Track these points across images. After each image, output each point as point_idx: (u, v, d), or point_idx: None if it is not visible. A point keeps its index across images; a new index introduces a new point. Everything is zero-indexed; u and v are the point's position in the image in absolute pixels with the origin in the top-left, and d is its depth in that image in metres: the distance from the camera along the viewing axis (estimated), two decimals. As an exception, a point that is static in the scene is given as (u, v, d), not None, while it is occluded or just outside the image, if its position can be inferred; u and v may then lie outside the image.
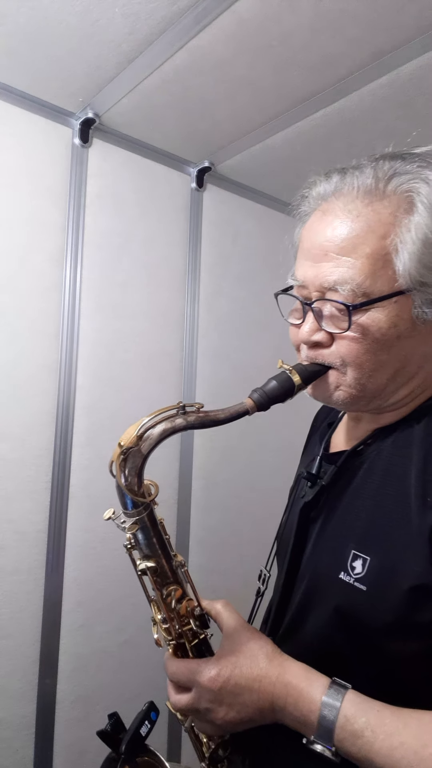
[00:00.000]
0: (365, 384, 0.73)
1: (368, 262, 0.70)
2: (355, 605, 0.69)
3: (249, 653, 0.70)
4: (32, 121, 1.49)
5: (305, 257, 0.75)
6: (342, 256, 0.70)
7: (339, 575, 0.72)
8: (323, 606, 0.73)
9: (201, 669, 0.70)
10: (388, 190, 0.71)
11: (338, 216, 0.72)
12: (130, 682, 1.59)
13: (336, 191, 0.75)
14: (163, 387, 1.72)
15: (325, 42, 1.23)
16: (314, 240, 0.74)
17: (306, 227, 0.78)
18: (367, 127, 1.53)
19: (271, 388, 0.75)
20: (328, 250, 0.72)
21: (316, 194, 0.78)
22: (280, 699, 0.67)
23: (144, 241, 1.69)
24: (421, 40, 1.21)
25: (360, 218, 0.71)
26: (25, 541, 1.43)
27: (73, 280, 1.53)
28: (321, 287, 0.72)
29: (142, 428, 0.69)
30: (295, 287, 0.78)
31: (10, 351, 1.43)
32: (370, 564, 0.69)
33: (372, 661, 0.69)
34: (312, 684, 0.66)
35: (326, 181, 0.78)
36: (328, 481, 0.80)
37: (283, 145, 1.65)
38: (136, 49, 1.28)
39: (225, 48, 1.26)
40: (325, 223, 0.73)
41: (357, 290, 0.69)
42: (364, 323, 0.70)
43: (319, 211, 0.76)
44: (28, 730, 1.41)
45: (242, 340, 1.93)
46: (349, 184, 0.74)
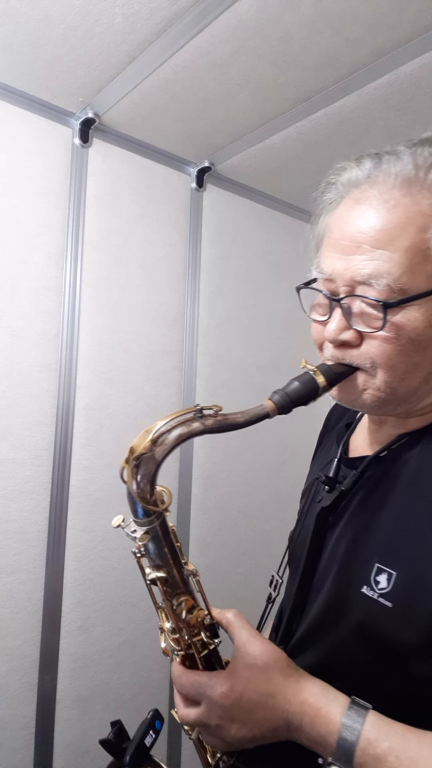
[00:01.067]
0: (396, 387, 0.68)
1: (406, 256, 0.64)
2: (378, 622, 0.65)
3: (263, 667, 0.65)
4: (32, 121, 1.49)
5: (333, 249, 0.69)
6: (377, 248, 0.65)
7: (361, 589, 0.67)
8: (343, 620, 0.69)
9: (212, 683, 0.66)
10: (429, 179, 0.66)
11: (373, 205, 0.67)
12: (130, 682, 1.60)
13: (370, 178, 0.69)
14: (163, 387, 1.72)
15: (325, 42, 1.23)
16: (345, 230, 0.68)
17: (335, 216, 0.72)
18: (367, 127, 1.53)
19: (294, 389, 0.67)
20: (362, 242, 0.66)
21: (347, 180, 0.72)
22: (296, 717, 0.63)
23: (144, 241, 1.69)
24: (421, 40, 1.21)
25: (398, 208, 0.65)
26: (25, 541, 1.43)
27: (73, 280, 1.53)
28: (351, 281, 0.67)
29: (157, 432, 0.64)
30: (321, 281, 0.71)
31: (10, 351, 1.43)
32: (396, 579, 0.65)
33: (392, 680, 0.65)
34: (330, 703, 0.62)
35: (357, 167, 0.71)
36: (348, 487, 0.76)
37: (283, 145, 1.65)
38: (136, 49, 1.28)
39: (225, 48, 1.26)
40: (358, 213, 0.68)
41: (393, 285, 0.64)
42: (399, 322, 0.65)
43: (350, 199, 0.70)
44: (28, 730, 1.41)
45: (242, 340, 1.93)
46: (386, 171, 0.68)
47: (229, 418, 0.65)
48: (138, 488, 0.66)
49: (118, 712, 1.57)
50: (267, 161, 1.76)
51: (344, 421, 0.92)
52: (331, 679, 0.66)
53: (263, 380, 1.95)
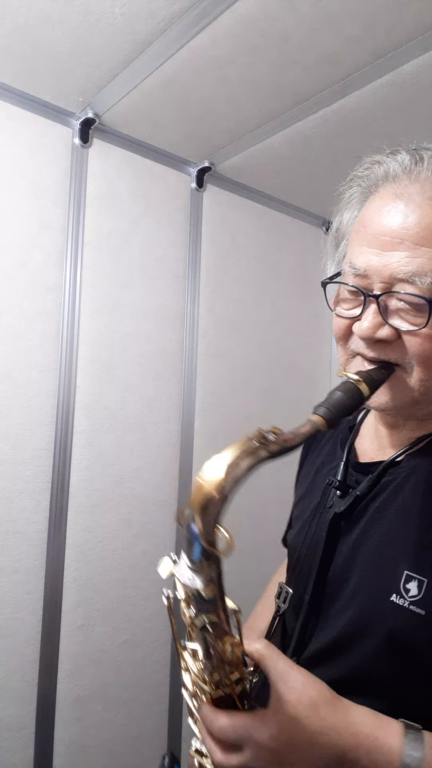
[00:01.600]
0: (429, 386, 0.68)
1: None
2: (411, 630, 0.64)
3: (308, 702, 0.60)
4: (32, 121, 1.49)
5: (369, 244, 0.67)
6: (421, 246, 0.64)
7: (390, 598, 0.66)
8: (370, 631, 0.67)
9: (257, 726, 0.60)
10: None
11: (415, 201, 0.66)
12: (130, 682, 1.60)
13: (410, 173, 0.68)
14: (163, 387, 1.72)
15: (325, 42, 1.23)
16: (386, 225, 0.66)
17: (371, 210, 0.70)
18: (367, 127, 1.53)
19: (338, 400, 0.65)
20: (405, 238, 0.65)
21: (383, 173, 0.71)
22: (351, 751, 0.59)
23: (144, 241, 1.69)
24: (421, 40, 1.21)
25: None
26: (25, 541, 1.43)
27: (73, 280, 1.53)
28: (391, 278, 0.65)
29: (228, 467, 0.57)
30: (352, 276, 0.70)
31: (10, 351, 1.43)
32: (428, 586, 0.64)
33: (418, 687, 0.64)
34: (385, 731, 0.59)
35: (393, 160, 0.70)
36: (364, 492, 0.74)
37: (283, 145, 1.65)
38: (136, 49, 1.28)
39: (225, 48, 1.26)
40: (399, 208, 0.66)
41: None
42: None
43: (388, 193, 0.69)
44: (28, 730, 1.41)
45: (242, 340, 1.93)
46: (428, 167, 0.67)
47: (288, 441, 0.61)
48: (205, 530, 0.57)
49: (118, 712, 1.57)
50: (267, 161, 1.76)
51: (345, 424, 0.90)
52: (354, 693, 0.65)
53: (263, 380, 1.95)
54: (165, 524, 1.69)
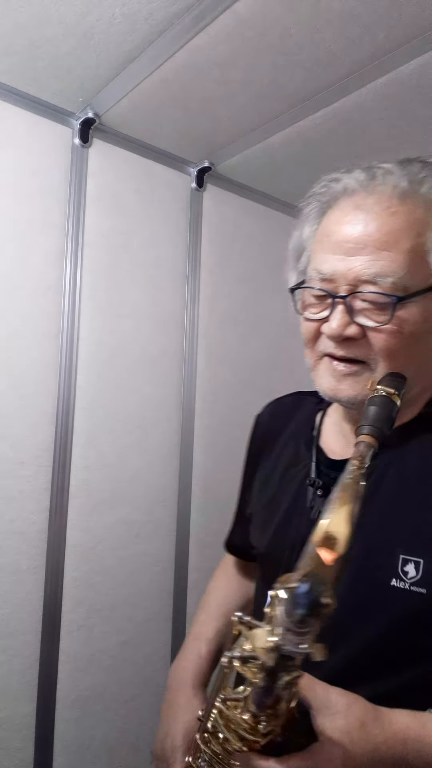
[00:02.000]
0: None
1: (408, 257, 0.71)
2: (415, 609, 0.68)
3: (357, 724, 0.62)
4: (32, 121, 1.49)
5: (334, 250, 0.74)
6: (382, 250, 0.71)
7: (390, 583, 0.69)
8: (373, 618, 0.70)
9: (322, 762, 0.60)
10: (421, 192, 0.73)
11: (374, 210, 0.72)
12: (130, 682, 1.59)
13: (367, 188, 0.75)
14: (163, 387, 1.72)
15: (325, 42, 1.23)
16: (349, 233, 0.73)
17: (332, 221, 0.77)
18: (368, 127, 1.53)
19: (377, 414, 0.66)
20: (367, 244, 0.71)
21: (341, 189, 0.78)
22: (401, 758, 0.62)
23: (144, 241, 1.69)
24: (421, 40, 1.21)
25: (397, 215, 0.72)
26: (25, 541, 1.43)
27: (73, 280, 1.53)
28: (356, 280, 0.72)
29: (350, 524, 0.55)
30: (318, 281, 0.76)
31: (10, 351, 1.43)
32: (425, 566, 0.68)
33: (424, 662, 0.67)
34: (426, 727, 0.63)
35: (349, 176, 0.77)
36: None
37: (283, 145, 1.65)
38: (136, 49, 1.28)
39: (225, 48, 1.26)
40: (359, 217, 0.73)
41: (398, 283, 0.70)
42: (403, 317, 0.71)
43: (348, 205, 0.75)
44: (28, 730, 1.41)
45: (242, 340, 1.93)
46: (382, 182, 0.74)
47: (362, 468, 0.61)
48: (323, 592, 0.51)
49: (118, 712, 1.57)
50: (267, 161, 1.76)
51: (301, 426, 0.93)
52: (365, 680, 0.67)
53: (263, 380, 1.95)
54: (165, 524, 1.69)
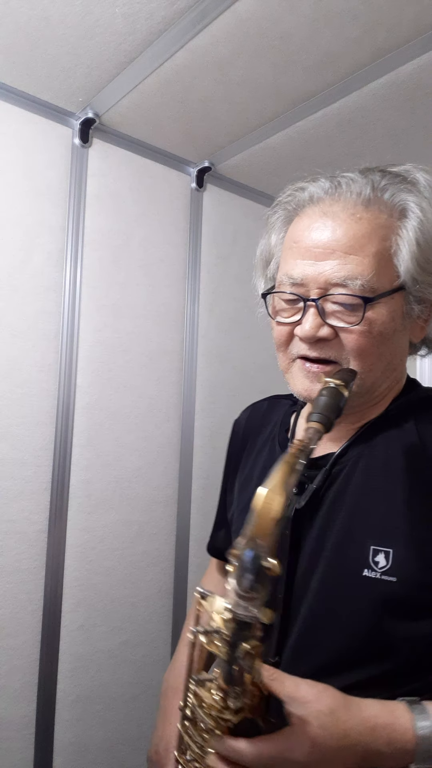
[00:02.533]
0: (364, 378, 0.77)
1: (374, 260, 0.74)
2: (387, 598, 0.70)
3: (326, 711, 0.64)
4: (32, 121, 1.49)
5: (304, 256, 0.77)
6: (350, 254, 0.74)
7: (362, 573, 0.72)
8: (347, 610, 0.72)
9: (291, 746, 0.63)
10: (383, 199, 0.77)
11: (341, 217, 0.76)
12: (130, 682, 1.60)
13: (331, 195, 0.79)
14: (163, 387, 1.72)
15: (325, 42, 1.23)
16: (317, 239, 0.76)
17: (300, 228, 0.80)
18: (367, 127, 1.53)
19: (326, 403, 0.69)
20: (336, 249, 0.75)
21: (307, 196, 0.81)
22: (371, 744, 0.63)
23: (144, 240, 1.69)
24: (421, 40, 1.21)
25: (363, 221, 0.75)
26: (25, 541, 1.43)
27: (73, 280, 1.53)
28: (326, 284, 0.75)
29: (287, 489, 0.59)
30: (289, 285, 0.79)
31: (10, 351, 1.43)
32: (394, 555, 0.71)
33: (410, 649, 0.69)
34: (395, 714, 0.65)
35: (314, 185, 0.81)
36: (320, 485, 0.79)
37: (283, 145, 1.65)
38: (136, 49, 1.28)
39: (225, 48, 1.26)
40: (326, 224, 0.76)
41: (366, 285, 0.73)
42: (371, 317, 0.74)
43: (314, 212, 0.79)
44: (28, 730, 1.41)
45: (242, 340, 1.93)
46: (347, 189, 0.78)
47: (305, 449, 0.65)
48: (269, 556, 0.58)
49: (118, 712, 1.57)
50: (267, 161, 1.76)
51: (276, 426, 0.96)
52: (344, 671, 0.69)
53: (263, 380, 1.95)
54: (165, 524, 1.69)
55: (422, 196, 0.78)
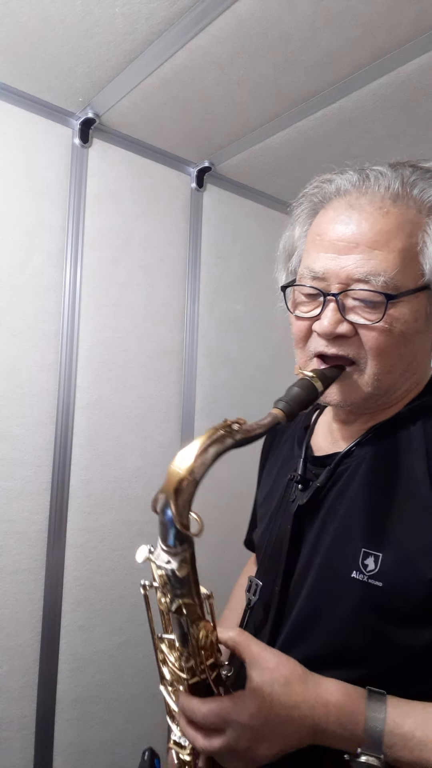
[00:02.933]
0: (382, 379, 0.74)
1: (399, 257, 0.71)
2: (373, 602, 0.69)
3: (282, 680, 0.65)
4: (32, 121, 1.49)
5: (327, 249, 0.75)
6: (375, 249, 0.71)
7: (351, 575, 0.71)
8: (335, 608, 0.73)
9: (237, 707, 0.64)
10: (413, 194, 0.74)
11: (367, 210, 0.73)
12: (130, 682, 1.60)
13: (359, 188, 0.76)
14: (163, 387, 1.72)
15: (325, 42, 1.23)
16: (341, 232, 0.74)
17: (325, 220, 0.77)
18: (367, 127, 1.53)
19: (296, 395, 0.71)
20: (360, 243, 0.72)
21: (334, 189, 0.79)
22: (322, 721, 0.64)
23: (144, 240, 1.69)
24: (421, 40, 1.21)
25: (390, 215, 0.73)
26: (25, 541, 1.43)
27: (73, 280, 1.53)
28: (348, 279, 0.72)
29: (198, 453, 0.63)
30: (309, 279, 0.76)
31: (10, 351, 1.43)
32: (383, 560, 0.70)
33: (392, 656, 0.69)
34: (351, 697, 0.65)
35: (342, 177, 0.78)
36: (323, 482, 0.79)
37: (283, 145, 1.65)
38: (136, 49, 1.28)
39: (225, 48, 1.26)
40: (352, 216, 0.74)
41: (389, 282, 0.70)
42: (394, 315, 0.72)
43: (341, 205, 0.76)
44: (28, 730, 1.41)
45: (242, 340, 1.93)
46: (375, 183, 0.75)
47: (251, 431, 0.66)
48: (179, 514, 0.62)
49: (118, 712, 1.57)
50: (267, 161, 1.76)
51: (299, 424, 0.96)
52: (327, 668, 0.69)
53: (263, 380, 1.95)
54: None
55: None
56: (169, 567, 0.64)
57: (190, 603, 0.66)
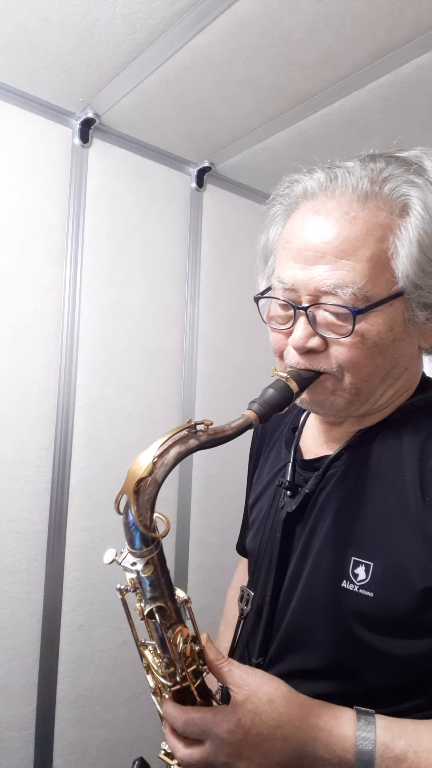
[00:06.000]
0: (360, 388, 0.71)
1: (368, 265, 0.67)
2: (363, 612, 0.67)
3: (266, 698, 0.63)
4: (32, 121, 1.49)
5: (294, 259, 0.71)
6: (341, 258, 0.67)
7: (341, 584, 0.69)
8: (326, 618, 0.70)
9: (217, 720, 0.62)
10: (383, 193, 0.69)
11: (333, 216, 0.69)
12: (130, 682, 1.59)
13: (327, 190, 0.71)
14: (163, 387, 1.72)
15: (325, 42, 1.23)
16: (307, 241, 0.69)
17: (293, 227, 0.73)
18: (367, 127, 1.53)
19: (270, 397, 0.69)
20: (326, 252, 0.68)
21: (301, 191, 0.75)
22: (308, 744, 0.61)
23: (144, 241, 1.69)
24: (421, 40, 1.21)
25: (358, 220, 0.68)
26: (25, 541, 1.43)
27: (73, 280, 1.53)
28: (316, 291, 0.68)
29: (156, 453, 0.62)
30: (281, 290, 0.73)
31: (10, 351, 1.43)
32: (374, 569, 0.67)
33: (382, 667, 0.67)
34: (339, 720, 0.62)
35: (310, 178, 0.74)
36: (312, 489, 0.77)
37: (283, 145, 1.65)
38: (136, 49, 1.28)
39: (225, 48, 1.26)
40: (318, 224, 0.69)
41: (358, 294, 0.66)
42: (364, 328, 0.68)
43: (307, 210, 0.72)
44: (28, 730, 1.41)
45: (242, 340, 1.93)
46: (342, 184, 0.70)
47: (219, 433, 0.65)
48: (140, 515, 0.62)
49: (118, 712, 1.57)
50: (267, 161, 1.76)
51: (287, 426, 0.93)
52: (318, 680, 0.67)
53: (263, 380, 1.94)
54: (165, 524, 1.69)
55: (428, 189, 0.69)
56: (135, 569, 0.64)
57: (163, 607, 0.65)
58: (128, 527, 0.63)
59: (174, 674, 0.66)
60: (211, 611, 1.51)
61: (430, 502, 0.67)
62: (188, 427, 0.63)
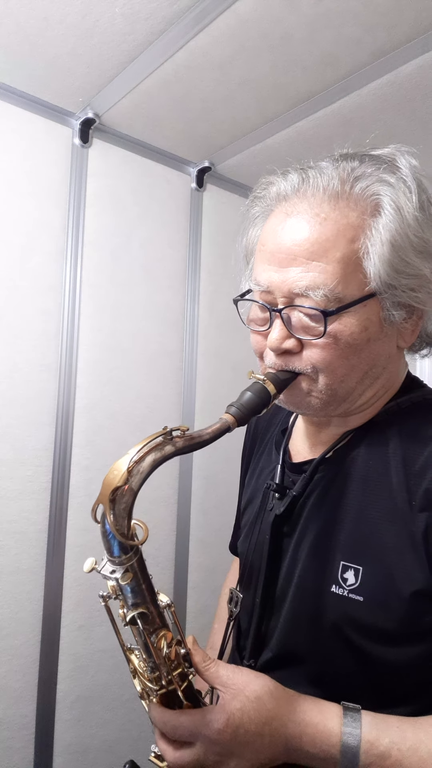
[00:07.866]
0: (336, 389, 0.71)
1: (340, 267, 0.67)
2: (353, 617, 0.67)
3: (253, 696, 0.64)
4: (32, 121, 1.49)
5: (269, 261, 0.72)
6: (312, 260, 0.67)
7: (330, 589, 0.69)
8: (316, 623, 0.71)
9: (206, 721, 0.63)
10: (354, 193, 0.69)
11: (305, 218, 0.69)
12: (130, 682, 1.59)
13: (298, 192, 0.72)
14: (163, 387, 1.72)
15: (325, 42, 1.23)
16: (280, 243, 0.70)
17: (267, 229, 0.74)
18: (367, 127, 1.53)
19: (248, 400, 0.70)
20: (297, 255, 0.68)
21: (275, 194, 0.75)
22: (295, 739, 0.62)
23: (144, 240, 1.69)
24: (421, 40, 1.21)
25: (328, 221, 0.68)
26: (25, 541, 1.43)
27: (73, 280, 1.53)
28: (290, 293, 0.69)
29: (131, 462, 0.61)
30: (258, 293, 0.74)
31: (10, 351, 1.43)
32: (363, 574, 0.68)
33: (372, 670, 0.67)
34: (325, 715, 0.63)
35: (284, 180, 0.75)
36: (299, 491, 0.77)
37: (283, 145, 1.65)
38: (136, 49, 1.28)
39: (225, 48, 1.26)
40: (290, 226, 0.70)
41: (330, 295, 0.67)
42: (337, 329, 0.68)
43: (280, 212, 0.73)
44: (28, 730, 1.41)
45: (242, 340, 1.93)
46: (313, 185, 0.71)
47: (196, 438, 0.65)
48: (116, 523, 0.61)
49: (118, 712, 1.57)
50: (267, 161, 1.76)
51: (278, 428, 0.93)
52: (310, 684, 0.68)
53: (263, 380, 1.95)
54: (165, 524, 1.69)
55: (400, 187, 0.69)
56: (114, 577, 0.64)
57: (146, 612, 0.65)
58: (106, 536, 0.63)
59: (159, 678, 0.67)
60: (211, 611, 1.51)
61: (416, 506, 0.67)
62: (164, 434, 0.64)
